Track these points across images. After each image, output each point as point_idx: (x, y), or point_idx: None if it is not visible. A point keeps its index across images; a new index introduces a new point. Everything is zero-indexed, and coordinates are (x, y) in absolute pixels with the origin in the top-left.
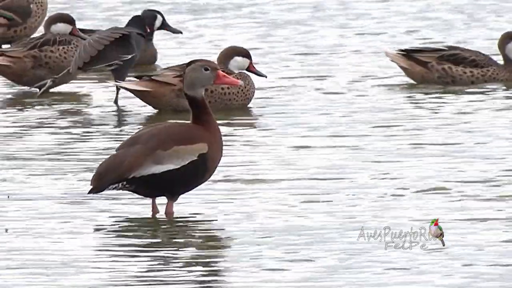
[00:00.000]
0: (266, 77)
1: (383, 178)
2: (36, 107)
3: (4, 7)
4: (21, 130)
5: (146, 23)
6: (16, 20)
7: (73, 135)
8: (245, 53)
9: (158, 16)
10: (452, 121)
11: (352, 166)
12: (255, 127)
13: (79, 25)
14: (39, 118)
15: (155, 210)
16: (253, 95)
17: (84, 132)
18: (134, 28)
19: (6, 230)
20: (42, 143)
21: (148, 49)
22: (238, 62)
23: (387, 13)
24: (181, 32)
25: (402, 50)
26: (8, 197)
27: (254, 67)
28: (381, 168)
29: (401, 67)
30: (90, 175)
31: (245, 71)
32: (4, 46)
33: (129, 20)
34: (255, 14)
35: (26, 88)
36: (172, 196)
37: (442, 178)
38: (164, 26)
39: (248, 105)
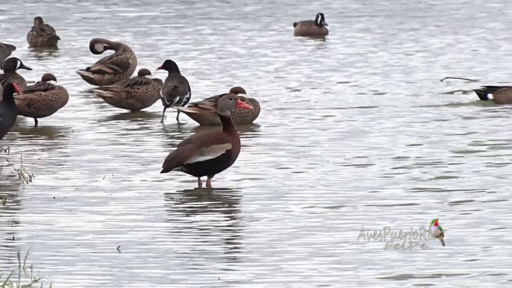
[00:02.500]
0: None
1: None
2: (126, 121)
3: (113, 62)
4: (115, 136)
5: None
6: (119, 71)
7: (151, 140)
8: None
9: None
10: None
11: None
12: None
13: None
14: (129, 130)
15: (200, 184)
16: (258, 113)
17: (159, 138)
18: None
19: (118, 248)
20: (131, 147)
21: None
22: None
23: None
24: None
25: None
26: (118, 248)
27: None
28: None
29: None
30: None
31: (254, 98)
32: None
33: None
34: None
35: (122, 110)
36: (210, 175)
37: None
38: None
39: (254, 121)
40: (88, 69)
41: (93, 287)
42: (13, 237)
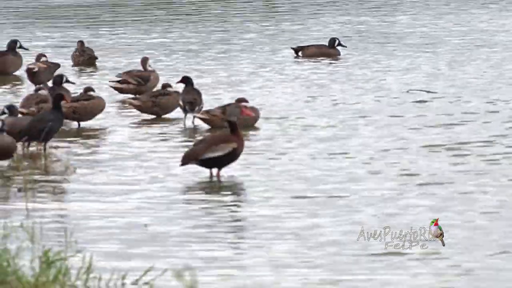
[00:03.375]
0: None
1: None
2: (151, 124)
3: (137, 75)
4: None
5: None
6: (141, 83)
7: (173, 139)
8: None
9: None
10: None
11: None
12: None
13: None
14: (153, 131)
15: (211, 175)
16: (258, 118)
17: (179, 138)
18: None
19: (145, 226)
20: (155, 146)
21: None
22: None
23: None
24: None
25: None
26: (146, 226)
27: (244, 110)
28: None
29: None
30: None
31: (255, 106)
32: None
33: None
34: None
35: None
36: (219, 168)
37: None
38: None
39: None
40: (120, 78)
41: (124, 255)
42: (145, 225)
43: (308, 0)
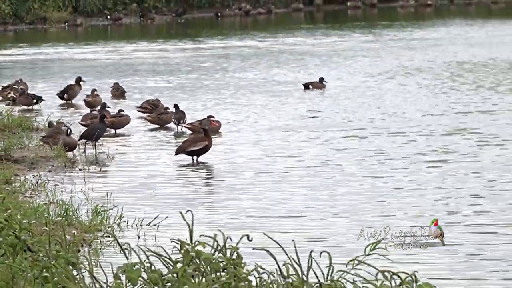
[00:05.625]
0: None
1: None
2: (156, 131)
3: (150, 103)
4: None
5: None
6: (154, 108)
7: (169, 140)
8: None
9: None
10: None
11: None
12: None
13: None
14: (157, 135)
15: (193, 160)
16: (220, 127)
17: (166, 140)
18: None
19: (154, 191)
20: (160, 142)
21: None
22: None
23: None
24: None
25: None
26: (154, 191)
27: (212, 122)
28: None
29: None
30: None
31: (218, 119)
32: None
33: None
34: None
35: (155, 126)
36: (198, 156)
37: None
38: None
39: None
40: (140, 106)
41: (140, 208)
42: (154, 190)
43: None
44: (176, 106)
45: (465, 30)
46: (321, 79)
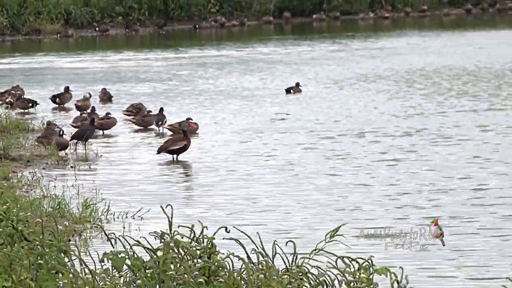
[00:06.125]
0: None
1: None
2: (141, 132)
3: (135, 106)
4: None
5: None
6: (138, 111)
7: (151, 140)
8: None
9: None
10: None
11: None
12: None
13: None
14: (143, 135)
15: (173, 159)
16: (198, 128)
17: (149, 140)
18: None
19: (137, 185)
20: (143, 142)
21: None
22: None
23: None
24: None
25: None
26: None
27: (190, 124)
28: None
29: None
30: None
31: (196, 121)
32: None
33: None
34: None
35: (139, 127)
36: (177, 155)
37: None
38: None
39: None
40: (126, 109)
41: (126, 202)
42: (137, 185)
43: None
44: (161, 109)
45: (422, 40)
46: (297, 84)
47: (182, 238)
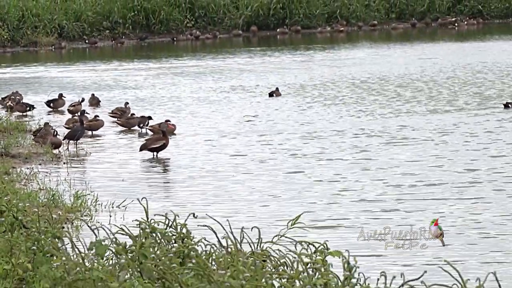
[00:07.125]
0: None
1: None
2: (125, 132)
3: (119, 109)
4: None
5: None
6: (122, 113)
7: (135, 139)
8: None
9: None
10: None
11: None
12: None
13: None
14: (126, 135)
15: (153, 156)
16: (175, 129)
17: (132, 140)
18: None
19: (123, 180)
20: (128, 141)
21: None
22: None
23: None
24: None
25: None
26: (123, 180)
27: (169, 125)
28: None
29: None
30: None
31: (174, 123)
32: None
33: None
34: None
35: (124, 128)
36: (157, 152)
37: None
38: None
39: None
40: (112, 111)
41: (113, 194)
42: (123, 180)
43: None
44: (149, 117)
45: (373, 51)
46: (277, 88)
47: (158, 225)
